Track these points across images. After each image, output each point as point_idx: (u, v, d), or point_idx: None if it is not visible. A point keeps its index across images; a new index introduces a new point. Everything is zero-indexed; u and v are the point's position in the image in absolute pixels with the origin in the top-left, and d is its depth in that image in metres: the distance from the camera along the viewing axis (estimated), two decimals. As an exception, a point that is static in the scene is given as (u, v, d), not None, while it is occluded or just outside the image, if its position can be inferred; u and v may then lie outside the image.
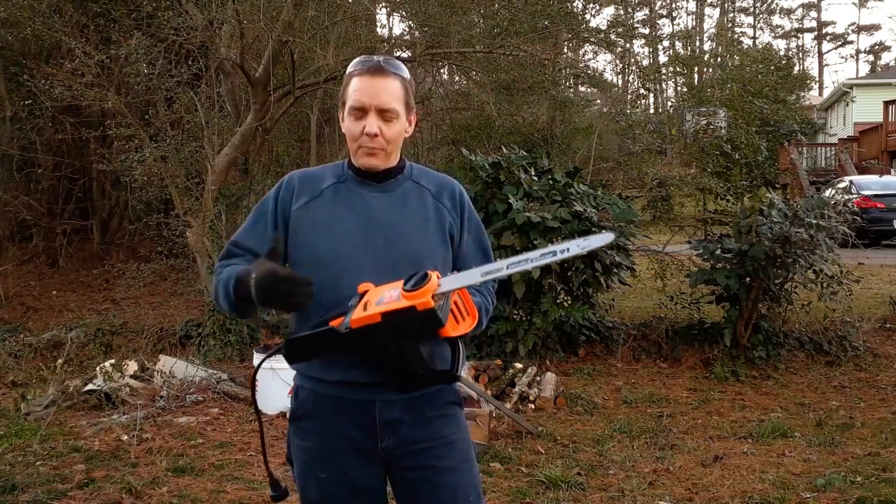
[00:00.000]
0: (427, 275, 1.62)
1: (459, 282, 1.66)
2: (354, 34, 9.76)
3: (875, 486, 4.00)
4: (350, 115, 1.87)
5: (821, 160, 22.84)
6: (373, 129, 1.84)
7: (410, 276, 1.64)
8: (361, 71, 1.87)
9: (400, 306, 1.61)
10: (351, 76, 1.89)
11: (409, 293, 1.60)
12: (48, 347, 7.68)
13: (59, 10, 9.19)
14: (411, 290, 1.60)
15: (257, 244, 1.90)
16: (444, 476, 1.89)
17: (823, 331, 7.04)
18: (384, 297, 1.66)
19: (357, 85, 1.86)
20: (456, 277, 1.67)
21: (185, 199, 8.33)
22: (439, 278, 1.64)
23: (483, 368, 5.93)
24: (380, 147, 1.87)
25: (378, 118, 1.85)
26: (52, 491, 4.05)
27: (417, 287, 1.60)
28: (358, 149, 1.88)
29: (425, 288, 1.59)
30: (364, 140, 1.86)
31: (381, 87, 1.85)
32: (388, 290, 1.67)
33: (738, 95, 14.24)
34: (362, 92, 1.85)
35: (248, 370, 6.58)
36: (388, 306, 1.63)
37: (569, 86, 16.96)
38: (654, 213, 12.74)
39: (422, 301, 1.60)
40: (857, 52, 52.04)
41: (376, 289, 1.71)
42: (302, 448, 1.92)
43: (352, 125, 1.87)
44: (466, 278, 1.67)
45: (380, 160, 1.89)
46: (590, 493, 4.03)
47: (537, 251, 1.61)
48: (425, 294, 1.59)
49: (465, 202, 1.99)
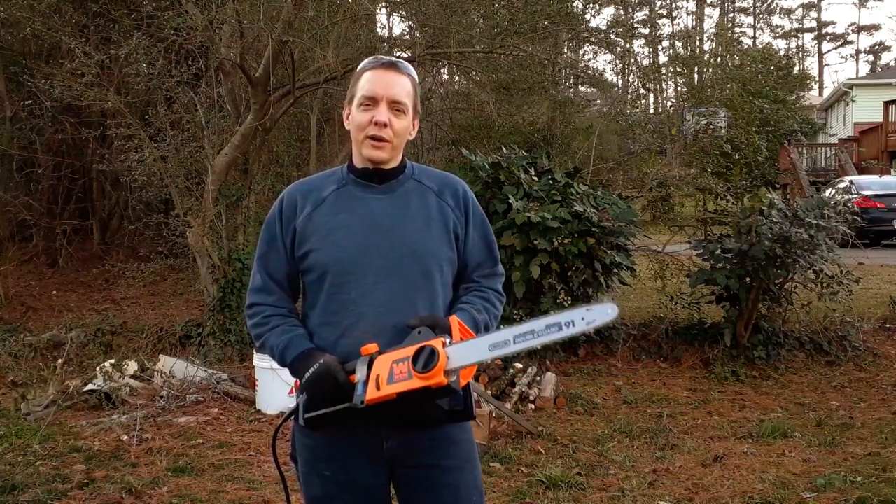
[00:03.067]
0: (434, 353, 1.62)
1: (467, 358, 1.67)
2: (354, 34, 9.75)
3: (875, 486, 4.00)
4: (360, 105, 1.88)
5: (821, 160, 22.82)
6: (383, 118, 1.86)
7: (418, 353, 1.65)
8: (375, 66, 1.90)
9: (414, 387, 1.64)
10: (363, 71, 1.91)
11: (421, 375, 1.63)
12: (48, 347, 7.68)
13: (59, 10, 9.18)
14: (423, 373, 1.62)
15: (277, 269, 1.94)
16: (448, 475, 1.89)
17: (823, 331, 7.04)
18: (394, 372, 1.67)
19: (370, 78, 1.89)
20: (464, 351, 1.67)
21: (185, 199, 8.33)
22: (445, 346, 1.65)
23: (483, 368, 5.93)
24: (387, 138, 1.87)
25: (388, 110, 1.87)
26: (52, 491, 4.05)
27: (428, 368, 1.62)
28: (364, 139, 1.88)
29: (436, 369, 1.61)
30: (371, 129, 1.86)
31: (394, 81, 1.88)
32: (395, 363, 1.68)
33: (738, 95, 14.22)
34: (375, 83, 1.87)
35: (249, 370, 6.57)
36: (401, 387, 1.65)
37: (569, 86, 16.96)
38: (654, 213, 12.72)
39: (435, 381, 1.63)
40: (857, 52, 52.07)
41: (382, 358, 1.71)
42: (307, 446, 1.93)
43: (360, 115, 1.88)
44: (474, 354, 1.68)
45: (386, 153, 1.89)
46: (590, 493, 4.03)
47: (542, 322, 1.63)
48: (437, 374, 1.62)
49: (468, 199, 1.99)
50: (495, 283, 2.01)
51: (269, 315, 1.93)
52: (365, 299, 1.82)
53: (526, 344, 1.62)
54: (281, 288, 1.95)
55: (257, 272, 1.97)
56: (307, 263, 1.89)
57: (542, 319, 1.63)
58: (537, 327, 1.62)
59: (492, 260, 2.02)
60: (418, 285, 1.85)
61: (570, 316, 1.61)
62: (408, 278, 1.84)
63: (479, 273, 1.99)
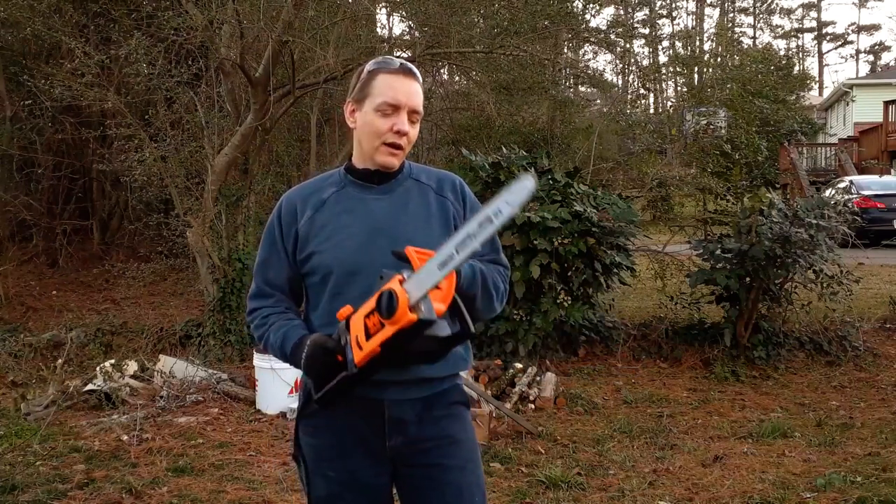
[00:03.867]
0: (392, 294, 1.60)
1: (423, 284, 1.64)
2: (354, 34, 9.76)
3: (875, 486, 4.00)
4: (378, 110, 1.87)
5: (821, 160, 22.83)
6: (405, 128, 1.86)
7: (378, 301, 1.63)
8: (392, 70, 1.88)
9: (389, 334, 1.63)
10: (376, 73, 1.89)
11: (389, 321, 1.61)
12: (48, 347, 7.68)
13: (59, 10, 9.19)
14: (389, 318, 1.61)
15: (277, 274, 1.95)
16: (450, 475, 1.89)
17: (823, 331, 7.04)
18: (368, 327, 1.66)
19: (390, 82, 1.87)
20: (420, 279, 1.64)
21: (185, 199, 8.33)
22: (403, 283, 1.63)
23: (483, 368, 5.93)
24: (404, 146, 1.89)
25: (407, 118, 1.88)
26: (52, 491, 4.05)
27: (392, 311, 1.60)
28: (381, 146, 1.88)
29: (400, 309, 1.60)
30: (391, 136, 1.86)
31: (413, 89, 1.88)
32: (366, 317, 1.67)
33: (738, 95, 14.23)
34: (398, 91, 1.86)
35: (249, 370, 6.57)
36: (377, 339, 1.64)
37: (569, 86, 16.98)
38: (654, 213, 12.72)
39: (405, 320, 1.61)
40: (857, 52, 52.09)
41: (356, 316, 1.70)
42: (311, 446, 1.93)
43: (379, 121, 1.87)
44: (428, 278, 1.64)
45: (399, 160, 1.91)
46: (590, 493, 4.03)
47: (474, 222, 1.60)
48: (404, 314, 1.60)
49: (466, 193, 2.01)
50: (499, 270, 1.98)
51: (267, 315, 1.94)
52: (367, 299, 1.82)
53: (469, 248, 1.59)
54: (281, 291, 1.96)
55: (256, 279, 1.98)
56: (310, 266, 1.90)
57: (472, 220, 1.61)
58: (471, 229, 1.60)
59: (494, 250, 2.01)
60: None
61: (495, 205, 1.59)
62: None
63: (482, 261, 1.97)
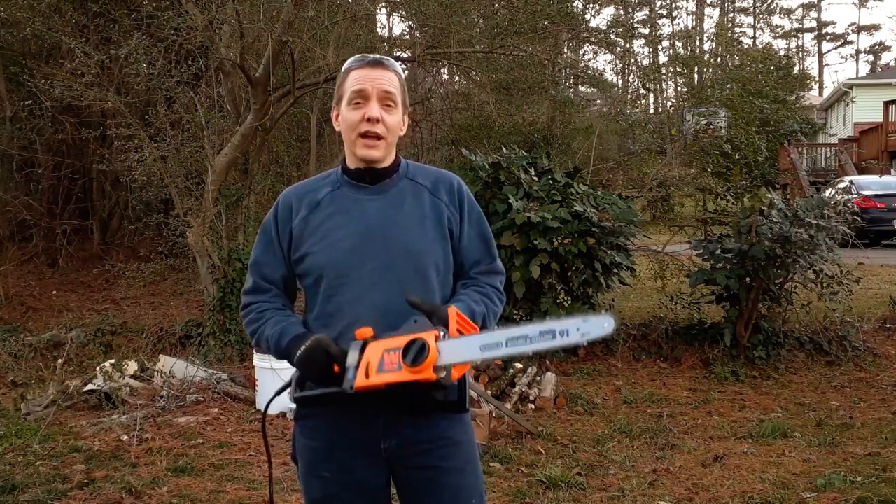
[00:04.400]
0: (425, 347, 1.59)
1: (458, 357, 1.63)
2: (354, 34, 9.77)
3: (875, 486, 4.00)
4: (350, 104, 1.88)
5: (821, 160, 22.83)
6: (374, 113, 1.85)
7: (408, 346, 1.62)
8: (360, 65, 1.89)
9: (402, 380, 1.61)
10: (348, 71, 1.90)
11: (410, 369, 1.60)
12: (48, 347, 7.67)
13: (59, 10, 9.18)
14: (412, 367, 1.59)
15: (273, 271, 1.95)
16: (449, 477, 1.89)
17: (823, 331, 7.04)
18: (384, 361, 1.65)
19: (358, 76, 1.88)
20: (455, 348, 1.64)
21: (185, 199, 8.33)
22: (437, 340, 1.62)
23: (483, 368, 5.93)
24: (381, 134, 1.86)
25: (379, 104, 1.86)
26: (52, 491, 4.05)
27: (418, 362, 1.59)
28: (357, 139, 1.88)
29: (425, 364, 1.59)
30: (364, 125, 1.86)
31: (381, 76, 1.87)
32: (386, 352, 1.65)
33: (738, 95, 14.24)
34: (363, 79, 1.87)
35: (249, 370, 6.57)
36: (389, 377, 1.63)
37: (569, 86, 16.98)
38: (654, 213, 12.73)
39: (424, 376, 1.60)
40: (857, 52, 52.09)
41: (374, 346, 1.69)
42: (307, 447, 1.92)
43: (351, 114, 1.87)
44: (465, 353, 1.64)
45: (380, 152, 1.88)
46: (590, 493, 4.03)
47: (537, 328, 1.58)
48: (426, 370, 1.59)
49: (464, 194, 1.97)
50: (494, 280, 1.99)
51: (263, 309, 1.93)
52: (361, 301, 1.82)
53: (518, 349, 1.59)
54: (277, 287, 1.95)
55: (252, 275, 1.98)
56: (303, 267, 1.89)
57: (537, 325, 1.58)
58: (531, 333, 1.58)
59: (490, 257, 2.00)
60: (414, 285, 1.83)
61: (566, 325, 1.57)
62: (403, 278, 1.83)
63: (477, 270, 1.97)
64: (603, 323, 1.55)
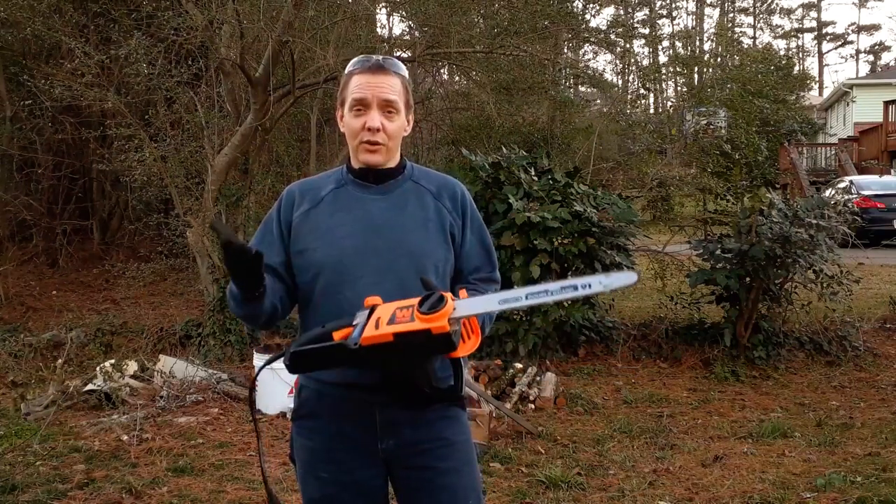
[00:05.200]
0: (443, 298, 1.58)
1: (475, 308, 1.62)
2: (354, 34, 9.77)
3: (875, 486, 3.99)
4: (351, 111, 1.87)
5: (821, 160, 22.84)
6: (375, 123, 1.84)
7: (425, 297, 1.60)
8: (362, 69, 1.88)
9: (414, 328, 1.58)
10: (351, 75, 1.89)
11: (424, 316, 1.57)
12: (48, 347, 7.67)
13: (59, 10, 9.18)
14: (427, 314, 1.57)
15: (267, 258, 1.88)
16: (445, 478, 1.89)
17: (823, 331, 7.04)
18: (396, 315, 1.63)
19: (358, 81, 1.87)
20: (471, 302, 1.63)
21: (185, 199, 8.33)
22: (454, 300, 1.61)
23: (483, 368, 5.93)
24: (381, 142, 1.86)
25: (380, 113, 1.86)
26: (52, 491, 4.05)
27: (433, 311, 1.57)
28: (359, 145, 1.88)
29: (441, 312, 1.57)
30: (365, 135, 1.85)
31: (382, 82, 1.86)
32: (398, 309, 1.64)
33: (738, 95, 14.26)
34: (364, 87, 1.86)
35: (249, 370, 6.57)
36: (401, 327, 1.60)
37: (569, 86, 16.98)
38: (654, 213, 12.75)
39: (437, 325, 1.57)
40: (857, 52, 52.10)
41: (386, 305, 1.67)
42: (305, 447, 1.92)
43: (353, 121, 1.87)
44: (483, 305, 1.63)
45: (381, 157, 1.88)
46: (590, 493, 4.03)
47: (557, 283, 1.58)
48: (441, 318, 1.57)
49: (466, 202, 1.98)
50: (491, 288, 1.98)
51: None
52: (360, 300, 1.80)
53: (538, 300, 1.57)
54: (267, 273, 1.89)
55: None
56: (301, 263, 1.88)
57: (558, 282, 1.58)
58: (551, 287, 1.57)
59: (490, 265, 2.00)
60: (414, 286, 1.81)
61: (588, 279, 1.56)
62: (403, 279, 1.82)
63: (477, 276, 1.98)
64: (627, 274, 1.56)
